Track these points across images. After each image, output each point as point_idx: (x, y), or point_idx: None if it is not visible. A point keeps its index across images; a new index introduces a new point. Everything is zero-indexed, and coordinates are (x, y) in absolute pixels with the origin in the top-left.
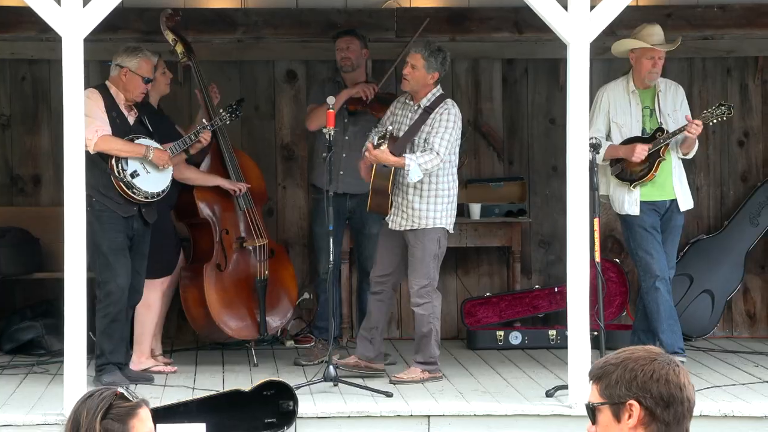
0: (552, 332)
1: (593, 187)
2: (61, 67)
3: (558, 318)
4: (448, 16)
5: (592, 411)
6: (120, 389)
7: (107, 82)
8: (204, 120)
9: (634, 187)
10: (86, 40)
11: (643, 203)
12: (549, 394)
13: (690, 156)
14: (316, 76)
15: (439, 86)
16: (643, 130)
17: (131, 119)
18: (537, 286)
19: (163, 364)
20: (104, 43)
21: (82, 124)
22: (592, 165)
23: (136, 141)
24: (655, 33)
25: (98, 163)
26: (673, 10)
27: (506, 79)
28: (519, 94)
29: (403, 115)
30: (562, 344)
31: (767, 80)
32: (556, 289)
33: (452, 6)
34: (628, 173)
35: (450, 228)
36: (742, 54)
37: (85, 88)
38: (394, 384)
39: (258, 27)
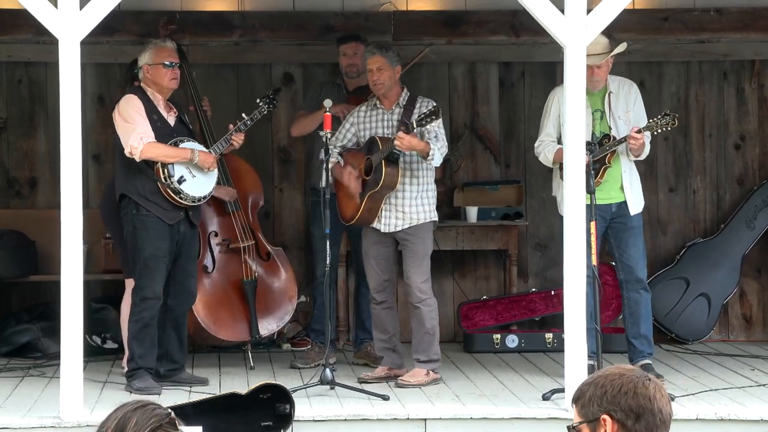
0: (549, 335)
1: (590, 190)
2: (58, 70)
3: (555, 321)
4: (444, 20)
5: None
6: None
7: (142, 85)
8: (243, 114)
9: None
10: (83, 43)
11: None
12: (546, 398)
13: (642, 158)
14: (313, 79)
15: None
16: (593, 134)
17: (171, 120)
18: (534, 289)
19: None
20: (101, 45)
21: (79, 126)
22: (589, 168)
23: (181, 145)
24: (591, 42)
25: (143, 169)
26: (670, 14)
27: (503, 82)
28: (516, 97)
29: (376, 120)
30: (558, 347)
31: (763, 84)
32: (552, 292)
33: (449, 9)
34: None
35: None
36: (738, 57)
37: (83, 91)
38: (401, 387)
39: (255, 30)
